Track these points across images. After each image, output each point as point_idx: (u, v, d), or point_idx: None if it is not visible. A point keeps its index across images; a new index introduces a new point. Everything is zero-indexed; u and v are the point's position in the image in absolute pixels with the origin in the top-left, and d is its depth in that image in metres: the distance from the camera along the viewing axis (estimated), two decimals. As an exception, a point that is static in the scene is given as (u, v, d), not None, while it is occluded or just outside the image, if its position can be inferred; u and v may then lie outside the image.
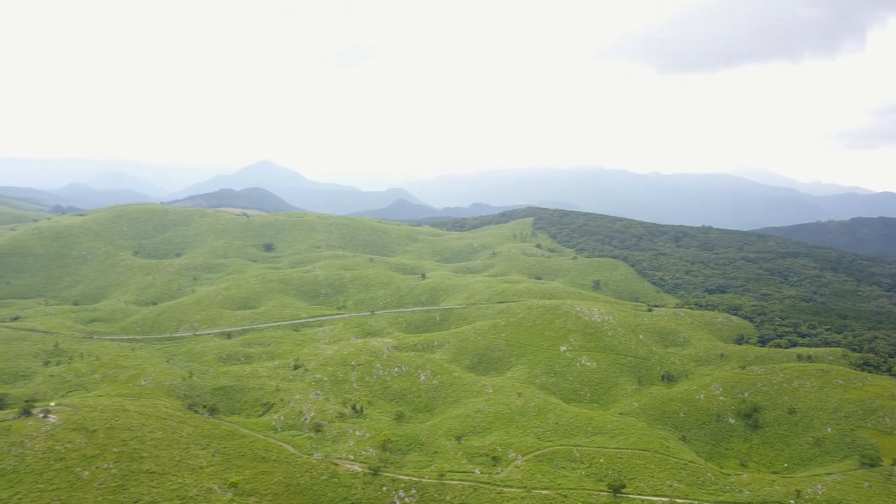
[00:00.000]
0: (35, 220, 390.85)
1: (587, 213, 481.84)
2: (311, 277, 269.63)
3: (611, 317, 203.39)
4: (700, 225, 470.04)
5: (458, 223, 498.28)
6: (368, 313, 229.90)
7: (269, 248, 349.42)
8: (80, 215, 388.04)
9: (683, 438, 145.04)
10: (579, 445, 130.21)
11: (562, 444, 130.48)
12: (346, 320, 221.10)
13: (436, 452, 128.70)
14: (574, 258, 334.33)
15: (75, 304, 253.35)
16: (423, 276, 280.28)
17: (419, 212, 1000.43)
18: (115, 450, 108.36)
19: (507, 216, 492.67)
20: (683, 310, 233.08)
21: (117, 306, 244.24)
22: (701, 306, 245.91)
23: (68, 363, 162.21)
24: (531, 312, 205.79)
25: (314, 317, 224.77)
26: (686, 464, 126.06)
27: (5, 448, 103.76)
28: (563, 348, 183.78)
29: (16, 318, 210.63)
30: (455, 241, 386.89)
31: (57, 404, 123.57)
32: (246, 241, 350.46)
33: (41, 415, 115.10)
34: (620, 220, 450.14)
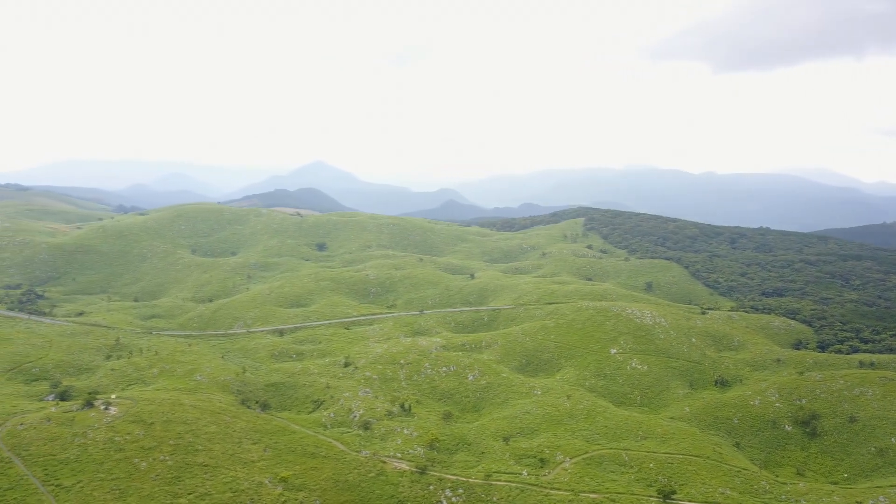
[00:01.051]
0: (99, 220, 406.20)
1: (640, 214, 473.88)
2: (362, 276, 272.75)
3: (663, 319, 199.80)
4: (757, 226, 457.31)
5: (508, 223, 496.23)
6: (417, 312, 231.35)
7: (321, 247, 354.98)
8: (142, 215, 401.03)
9: (737, 445, 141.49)
10: (628, 449, 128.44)
11: (610, 448, 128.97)
12: (396, 319, 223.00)
13: (483, 453, 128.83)
14: (626, 259, 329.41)
15: (136, 300, 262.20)
16: (472, 277, 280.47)
17: (469, 212, 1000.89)
18: (171, 442, 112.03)
19: (557, 216, 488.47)
20: (738, 313, 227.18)
21: (175, 303, 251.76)
22: (757, 310, 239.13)
23: (128, 357, 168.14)
24: (581, 314, 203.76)
25: (364, 315, 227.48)
26: (739, 471, 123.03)
27: (69, 438, 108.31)
28: (613, 351, 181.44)
29: (80, 314, 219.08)
30: (504, 242, 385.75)
31: (117, 397, 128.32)
32: (299, 241, 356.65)
33: (103, 407, 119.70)
34: (674, 220, 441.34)
